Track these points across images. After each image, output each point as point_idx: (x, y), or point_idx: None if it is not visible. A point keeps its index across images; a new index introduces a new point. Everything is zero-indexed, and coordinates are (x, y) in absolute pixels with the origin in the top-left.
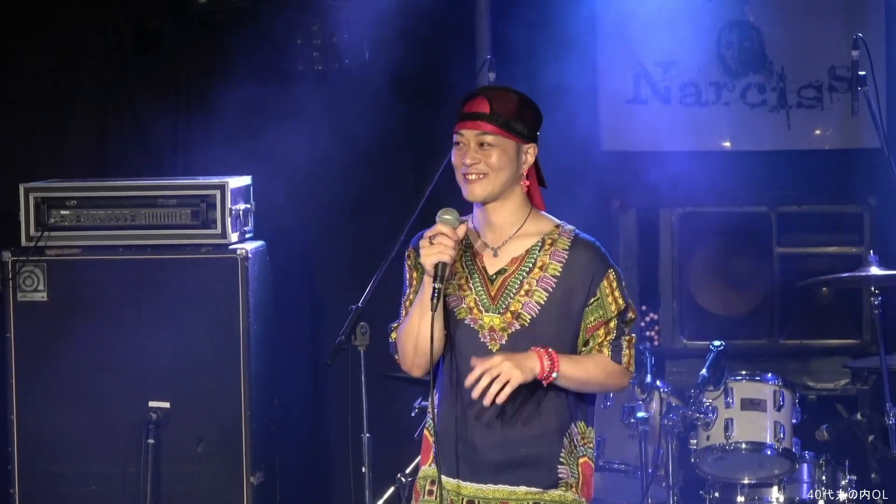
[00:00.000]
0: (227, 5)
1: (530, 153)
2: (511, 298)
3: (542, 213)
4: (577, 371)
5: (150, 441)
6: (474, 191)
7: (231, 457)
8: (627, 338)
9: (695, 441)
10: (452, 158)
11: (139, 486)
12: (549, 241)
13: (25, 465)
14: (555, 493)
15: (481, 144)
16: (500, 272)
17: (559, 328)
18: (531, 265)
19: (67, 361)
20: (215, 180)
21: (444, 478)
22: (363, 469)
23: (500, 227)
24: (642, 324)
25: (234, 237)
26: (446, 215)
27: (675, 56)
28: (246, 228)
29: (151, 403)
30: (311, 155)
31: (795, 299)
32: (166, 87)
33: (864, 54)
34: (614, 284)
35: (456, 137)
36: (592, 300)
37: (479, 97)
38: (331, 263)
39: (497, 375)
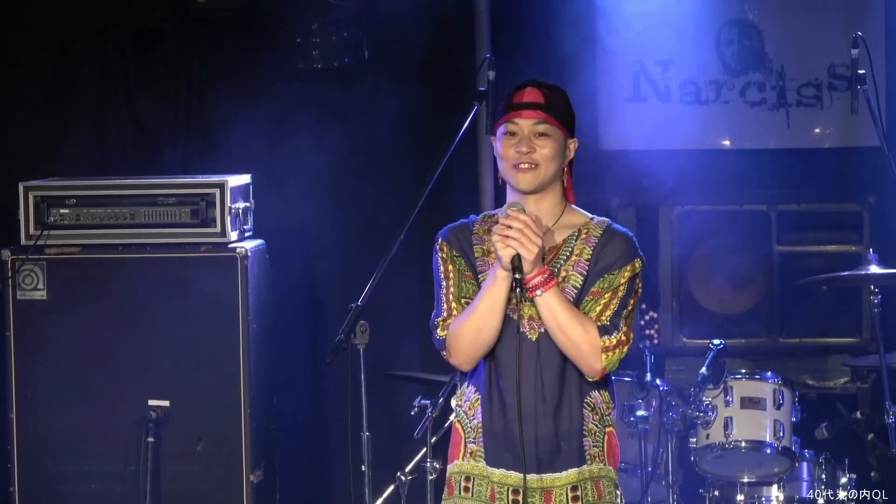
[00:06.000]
0: (226, 4)
1: (572, 147)
2: None
3: (576, 207)
4: (562, 308)
5: (150, 439)
6: (526, 180)
7: (231, 455)
8: (624, 330)
9: (694, 439)
10: (500, 149)
11: (139, 485)
12: (585, 232)
13: (25, 464)
14: (586, 470)
15: (537, 134)
16: None
17: None
18: (568, 254)
19: (67, 360)
20: (215, 179)
21: (489, 468)
22: (363, 467)
23: (541, 218)
24: (642, 322)
25: (233, 236)
26: (515, 207)
27: (675, 54)
28: (245, 227)
29: (151, 402)
30: (310, 153)
31: (795, 298)
32: (166, 85)
33: (863, 53)
34: (634, 272)
35: (507, 127)
36: (607, 275)
37: (532, 88)
38: (331, 262)
39: (521, 229)
